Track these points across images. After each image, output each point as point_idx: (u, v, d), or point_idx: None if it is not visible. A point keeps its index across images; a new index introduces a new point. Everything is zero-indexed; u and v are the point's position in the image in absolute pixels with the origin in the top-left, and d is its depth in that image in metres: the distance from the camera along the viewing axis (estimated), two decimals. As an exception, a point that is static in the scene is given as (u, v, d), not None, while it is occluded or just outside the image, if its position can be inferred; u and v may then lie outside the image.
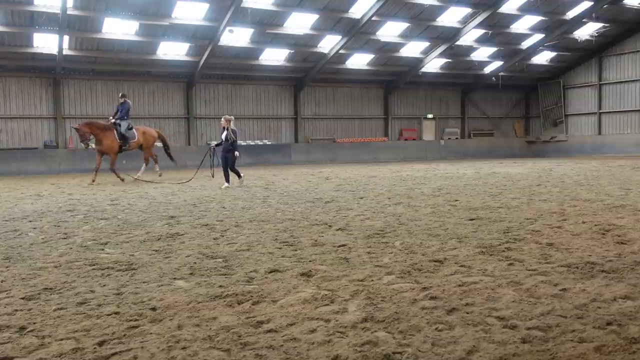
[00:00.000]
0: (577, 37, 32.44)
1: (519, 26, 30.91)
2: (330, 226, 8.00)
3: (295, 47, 28.80)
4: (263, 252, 6.25)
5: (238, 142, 15.80)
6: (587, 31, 32.51)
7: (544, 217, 8.40)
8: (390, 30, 29.12)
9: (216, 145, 15.78)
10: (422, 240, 6.72)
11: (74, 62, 26.39)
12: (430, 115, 36.76)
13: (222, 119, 15.38)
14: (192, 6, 24.16)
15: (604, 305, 4.12)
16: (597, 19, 31.06)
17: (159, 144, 20.94)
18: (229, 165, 15.14)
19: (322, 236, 7.20)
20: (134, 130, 18.71)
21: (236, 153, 15.17)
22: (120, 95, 19.26)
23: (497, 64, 34.67)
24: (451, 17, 28.75)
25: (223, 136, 15.16)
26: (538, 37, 32.11)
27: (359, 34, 27.76)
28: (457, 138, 37.21)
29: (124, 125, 18.35)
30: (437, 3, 26.89)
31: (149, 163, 19.64)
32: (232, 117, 15.65)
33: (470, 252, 5.98)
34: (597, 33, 32.67)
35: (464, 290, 4.56)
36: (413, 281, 4.88)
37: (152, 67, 28.34)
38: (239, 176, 15.35)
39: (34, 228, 8.38)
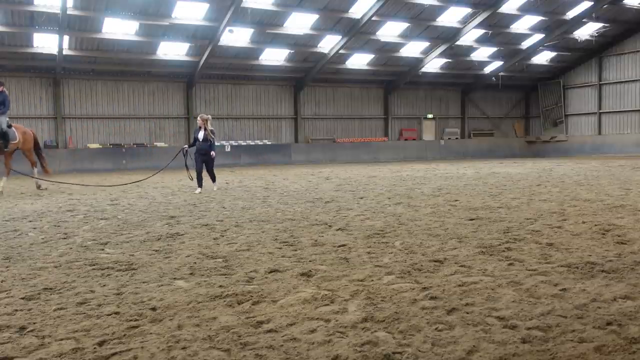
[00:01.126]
0: (577, 37, 32.46)
1: (519, 26, 30.93)
2: (330, 226, 7.99)
3: (295, 47, 28.81)
4: (263, 252, 6.25)
5: (216, 142, 14.38)
6: (587, 31, 32.52)
7: (544, 217, 8.40)
8: (390, 30, 29.13)
9: (190, 146, 14.52)
10: (422, 240, 6.71)
11: (74, 62, 26.41)
12: (430, 115, 36.77)
13: (199, 118, 14.20)
14: (192, 6, 24.18)
15: (604, 305, 4.11)
16: (597, 19, 31.08)
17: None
18: (208, 167, 14.05)
19: (322, 236, 7.19)
20: (13, 128, 14.67)
21: (212, 153, 14.10)
22: None
23: (497, 64, 34.68)
24: (451, 17, 28.77)
25: (200, 136, 13.95)
26: (538, 37, 32.12)
27: (359, 34, 27.76)
28: (457, 138, 37.22)
29: (2, 121, 14.19)
30: (437, 3, 26.90)
31: (36, 166, 15.73)
32: (210, 117, 14.41)
33: (470, 252, 5.98)
34: (597, 33, 32.69)
35: (464, 290, 4.55)
36: (413, 281, 4.88)
37: (152, 67, 28.36)
38: (214, 180, 14.40)
39: (34, 228, 8.38)
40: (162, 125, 29.69)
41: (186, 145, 14.82)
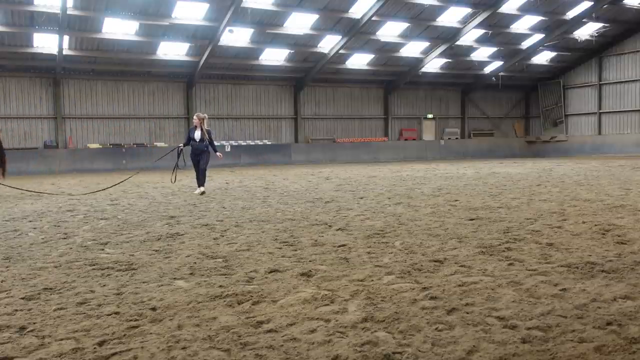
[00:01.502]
0: (577, 37, 32.45)
1: (519, 26, 30.92)
2: (330, 226, 7.99)
3: (295, 47, 28.80)
4: (263, 252, 6.25)
5: (217, 142, 13.76)
6: (587, 31, 32.51)
7: (544, 217, 8.40)
8: (390, 30, 29.12)
9: (184, 145, 13.93)
10: (422, 240, 6.71)
11: (74, 62, 26.41)
12: (430, 115, 36.76)
13: (195, 117, 13.70)
14: (192, 6, 24.17)
15: (604, 305, 4.11)
16: (597, 19, 31.07)
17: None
18: (201, 168, 13.44)
19: (322, 236, 7.19)
20: None
21: (218, 154, 13.85)
22: None
23: (497, 64, 34.67)
24: (451, 17, 28.76)
25: (196, 135, 13.42)
26: (538, 37, 32.11)
27: (359, 34, 27.76)
28: (457, 138, 37.21)
29: None
30: (437, 3, 26.89)
31: None
32: (206, 115, 13.90)
33: (470, 252, 5.98)
34: (597, 33, 32.68)
35: (464, 290, 4.55)
36: (413, 281, 4.88)
37: (152, 67, 28.35)
38: (202, 183, 13.52)
39: (34, 228, 8.38)
40: (162, 125, 29.69)
41: (181, 144, 14.14)
